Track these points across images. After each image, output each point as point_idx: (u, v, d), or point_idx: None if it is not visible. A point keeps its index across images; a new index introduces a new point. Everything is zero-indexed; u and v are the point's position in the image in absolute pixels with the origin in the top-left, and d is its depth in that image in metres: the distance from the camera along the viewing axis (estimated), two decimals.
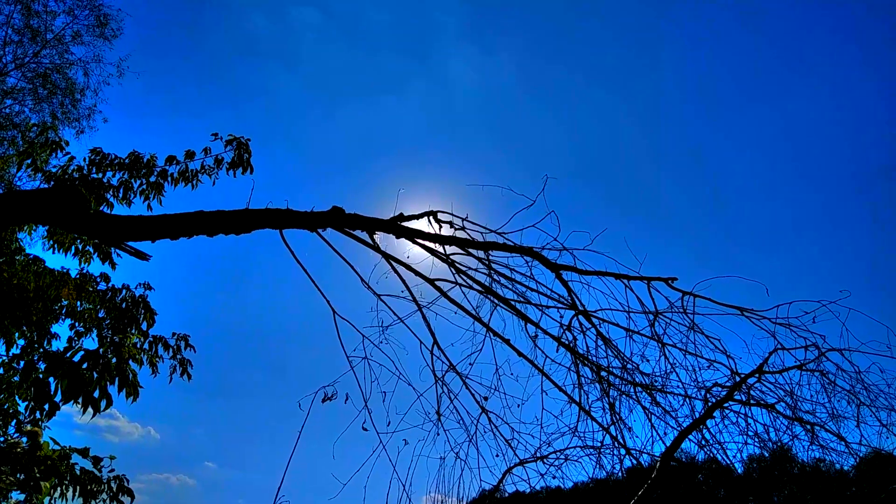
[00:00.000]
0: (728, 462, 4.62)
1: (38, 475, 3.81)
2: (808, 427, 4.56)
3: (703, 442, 4.48)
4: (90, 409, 3.92)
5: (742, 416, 4.56)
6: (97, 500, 5.14)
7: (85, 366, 3.75)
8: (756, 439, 4.57)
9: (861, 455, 4.56)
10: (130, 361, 4.04)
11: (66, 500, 5.06)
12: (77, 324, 6.68)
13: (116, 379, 3.89)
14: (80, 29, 20.75)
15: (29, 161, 6.30)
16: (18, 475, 3.81)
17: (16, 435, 4.30)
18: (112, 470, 5.06)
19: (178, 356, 6.99)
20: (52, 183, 5.90)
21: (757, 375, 4.61)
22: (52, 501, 5.05)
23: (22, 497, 3.97)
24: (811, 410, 4.50)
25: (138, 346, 6.67)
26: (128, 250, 3.60)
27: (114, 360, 4.06)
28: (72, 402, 3.94)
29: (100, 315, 6.79)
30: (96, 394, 3.76)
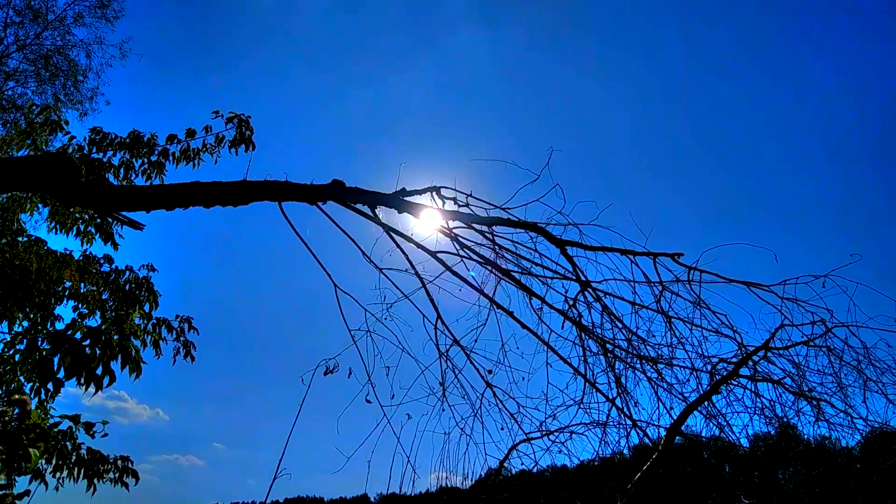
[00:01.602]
0: (734, 438, 4.61)
1: (26, 443, 3.81)
2: (815, 402, 4.54)
3: (709, 416, 4.46)
4: (93, 387, 3.91)
5: (748, 391, 4.54)
6: (103, 480, 5.15)
7: (87, 343, 3.73)
8: (762, 414, 4.55)
9: (868, 430, 4.54)
10: (132, 338, 4.02)
11: (74, 479, 5.09)
12: (80, 305, 6.66)
13: (119, 356, 3.86)
14: (81, 10, 20.67)
15: (29, 141, 6.25)
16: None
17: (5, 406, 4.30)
18: (105, 434, 5.05)
19: (182, 338, 6.98)
20: None
21: (764, 350, 4.58)
22: (60, 482, 5.07)
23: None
24: (819, 384, 4.47)
25: (142, 327, 6.66)
26: (121, 219, 3.56)
27: (116, 336, 4.04)
28: (75, 379, 3.93)
29: (103, 297, 6.77)
30: (99, 371, 3.75)
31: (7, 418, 3.83)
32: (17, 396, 4.19)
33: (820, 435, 4.79)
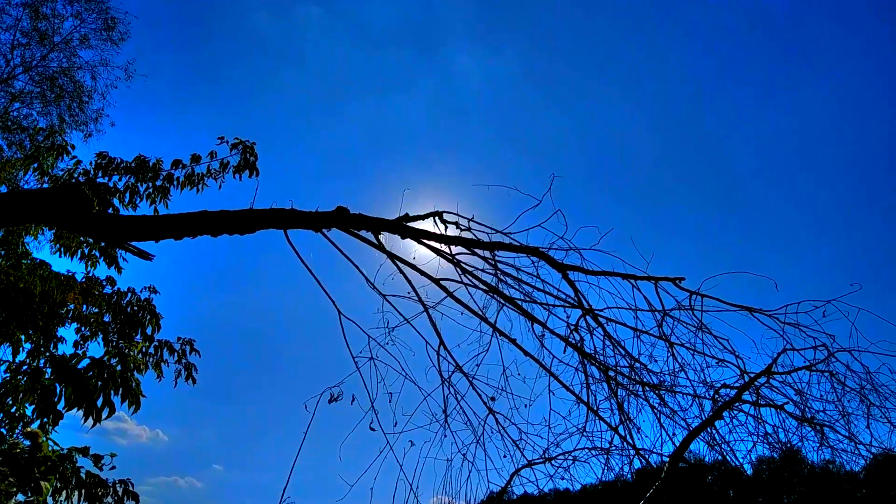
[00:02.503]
0: (738, 463, 4.59)
1: (38, 476, 3.80)
2: (818, 428, 4.52)
3: (713, 442, 4.44)
4: (92, 419, 3.93)
5: (751, 416, 4.52)
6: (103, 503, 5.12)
7: (90, 374, 3.76)
8: (765, 440, 4.53)
9: (872, 456, 4.52)
10: (135, 372, 4.05)
11: (72, 503, 5.06)
12: (83, 328, 6.68)
13: (120, 388, 3.89)
14: (87, 32, 20.91)
15: (35, 165, 6.32)
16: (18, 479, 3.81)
17: (18, 437, 4.30)
18: (113, 467, 5.05)
19: (183, 360, 6.99)
20: None
21: (766, 376, 4.57)
22: None
23: (24, 499, 3.97)
24: (821, 410, 4.46)
25: (144, 350, 6.68)
26: (131, 250, 3.60)
27: (118, 367, 4.06)
28: (75, 409, 3.95)
29: (105, 319, 6.79)
30: (99, 402, 3.77)
31: (18, 450, 3.84)
32: (29, 429, 4.19)
33: (824, 459, 4.77)
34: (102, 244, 6.13)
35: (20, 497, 3.90)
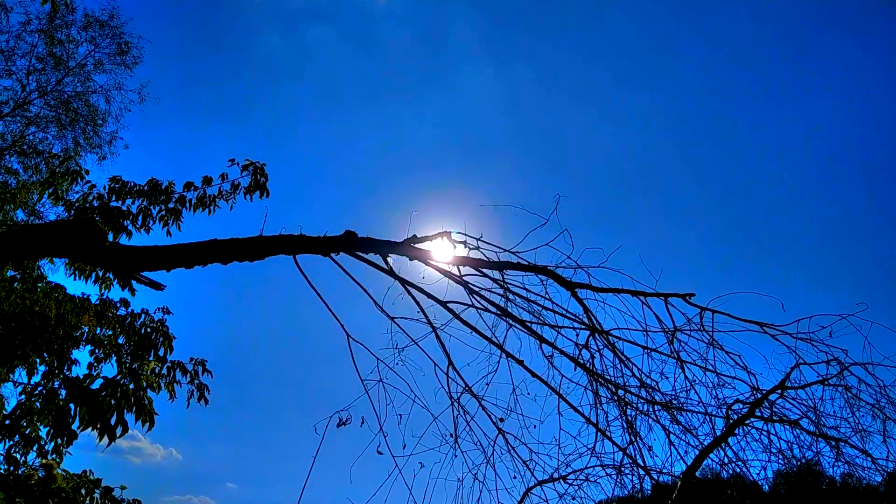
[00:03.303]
0: (753, 479, 4.55)
1: None
2: (833, 443, 4.48)
3: (726, 460, 4.41)
4: (107, 438, 3.97)
5: (764, 432, 4.49)
6: None
7: (104, 394, 3.80)
8: (780, 456, 4.49)
9: (889, 470, 4.47)
10: (148, 391, 4.09)
11: None
12: (97, 350, 6.75)
13: (134, 407, 3.93)
14: (101, 57, 21.25)
15: (50, 190, 6.43)
16: None
17: (35, 463, 4.35)
18: (123, 487, 5.11)
19: (196, 381, 7.03)
20: (73, 212, 6.02)
21: (779, 391, 4.54)
22: None
23: None
24: (835, 426, 4.42)
25: (156, 371, 6.74)
26: (142, 280, 3.65)
27: (131, 385, 4.11)
28: (90, 428, 3.99)
29: (119, 341, 6.86)
30: (112, 420, 3.81)
31: (33, 481, 3.89)
32: (44, 461, 4.25)
33: (843, 473, 4.72)
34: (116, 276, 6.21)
35: None
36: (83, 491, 4.76)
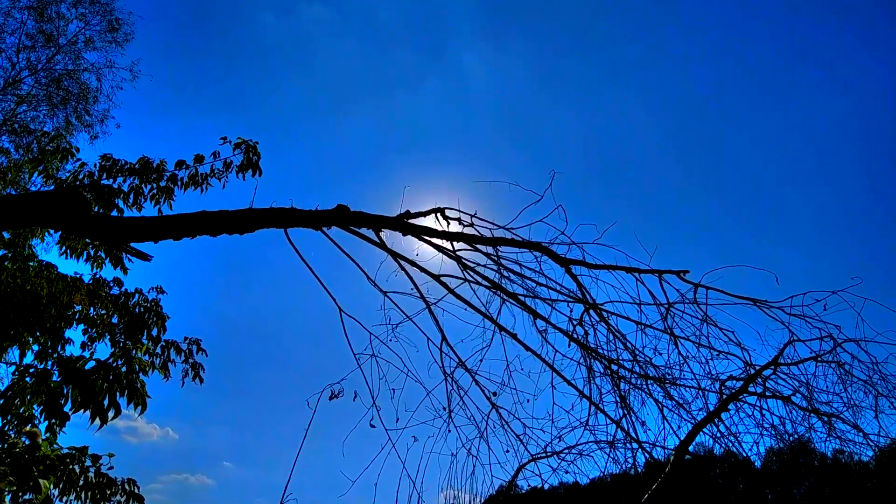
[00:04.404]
0: (746, 455, 4.57)
1: (36, 474, 3.84)
2: (825, 419, 4.50)
3: (718, 435, 4.43)
4: (99, 420, 3.97)
5: (757, 408, 4.51)
6: (111, 502, 5.17)
7: (95, 376, 3.79)
8: (772, 432, 4.51)
9: (880, 446, 4.50)
10: (140, 374, 4.08)
11: (81, 502, 5.11)
12: (90, 329, 6.72)
13: (126, 390, 3.93)
14: (92, 34, 21.00)
15: (41, 168, 6.37)
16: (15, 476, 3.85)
17: (17, 435, 4.34)
18: (111, 467, 5.10)
19: (190, 360, 7.03)
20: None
21: (772, 367, 4.56)
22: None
23: (28, 497, 4.01)
24: (828, 402, 4.44)
25: (150, 351, 6.72)
26: (130, 251, 3.62)
27: (124, 368, 4.10)
28: (82, 410, 3.99)
29: (113, 321, 6.83)
30: (105, 403, 3.81)
31: (18, 450, 3.87)
32: (27, 428, 4.23)
33: (834, 449, 4.75)
34: (103, 246, 6.16)
35: (29, 496, 3.94)
36: (68, 459, 4.75)
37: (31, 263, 6.33)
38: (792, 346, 4.54)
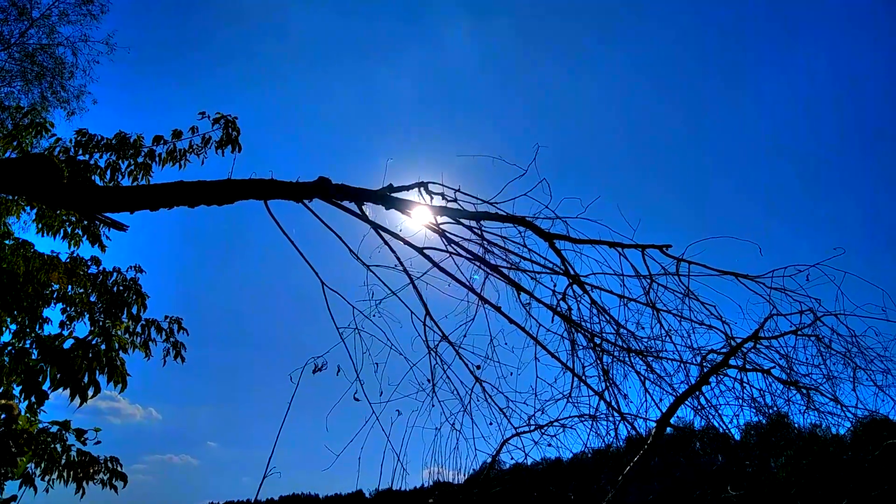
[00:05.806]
0: (725, 429, 4.63)
1: (14, 450, 3.78)
2: (805, 391, 4.57)
3: (699, 407, 4.48)
4: (78, 398, 3.91)
5: (738, 381, 4.56)
6: (94, 481, 5.13)
7: (74, 354, 3.73)
8: (752, 404, 4.57)
9: (857, 418, 4.57)
10: (120, 352, 4.02)
11: (64, 482, 5.06)
12: (68, 308, 6.62)
13: (106, 368, 3.87)
14: (66, 7, 20.38)
15: (15, 143, 6.20)
16: None
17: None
18: (98, 442, 5.06)
19: (172, 339, 6.95)
20: None
21: (753, 341, 4.60)
22: (50, 484, 5.05)
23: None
24: (807, 373, 4.50)
25: (130, 330, 6.63)
26: (105, 221, 3.54)
27: (103, 346, 4.03)
28: (61, 388, 3.92)
29: (91, 299, 6.73)
30: (85, 381, 3.75)
31: None
32: (3, 402, 4.16)
33: (811, 423, 4.82)
34: (81, 216, 6.03)
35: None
36: (48, 436, 4.70)
37: (8, 241, 6.20)
38: (773, 320, 4.59)
